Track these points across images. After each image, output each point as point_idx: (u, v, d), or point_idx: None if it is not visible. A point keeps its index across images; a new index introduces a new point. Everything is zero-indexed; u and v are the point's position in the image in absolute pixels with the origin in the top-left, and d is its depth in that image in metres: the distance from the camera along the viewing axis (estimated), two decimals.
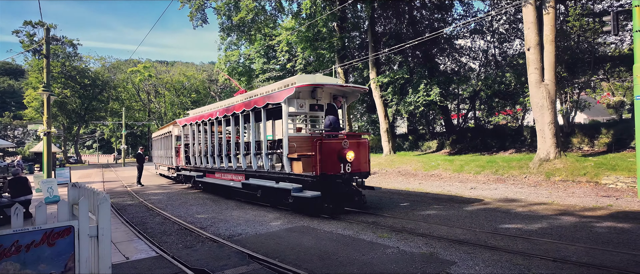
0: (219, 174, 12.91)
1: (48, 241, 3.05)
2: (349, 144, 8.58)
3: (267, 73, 33.85)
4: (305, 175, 8.51)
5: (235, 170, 11.67)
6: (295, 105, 9.37)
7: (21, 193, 9.49)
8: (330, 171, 8.25)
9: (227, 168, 12.21)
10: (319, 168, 8.16)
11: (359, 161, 8.73)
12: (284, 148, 9.07)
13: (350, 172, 8.59)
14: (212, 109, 13.69)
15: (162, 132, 22.97)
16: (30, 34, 44.13)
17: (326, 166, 8.19)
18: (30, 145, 53.68)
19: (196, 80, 63.06)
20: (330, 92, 10.02)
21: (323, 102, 10.06)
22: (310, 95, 9.77)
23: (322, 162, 8.19)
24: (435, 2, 25.40)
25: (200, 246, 6.56)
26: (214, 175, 13.24)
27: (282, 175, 9.34)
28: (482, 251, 5.65)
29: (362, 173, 8.97)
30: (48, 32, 17.32)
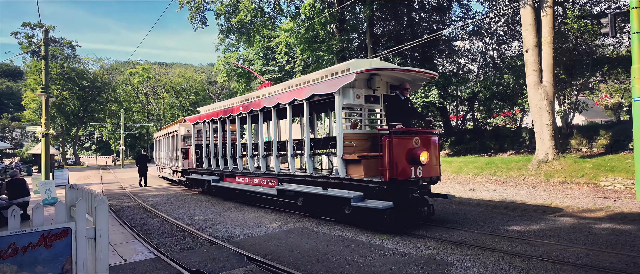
0: (241, 178, 11.45)
1: (45, 243, 3.04)
2: (420, 142, 7.24)
3: (265, 74, 33.83)
4: (368, 180, 7.08)
5: (265, 174, 10.23)
6: (351, 96, 7.68)
7: (19, 194, 9.47)
8: (401, 176, 6.86)
9: (253, 171, 10.81)
10: (389, 172, 6.77)
11: (430, 164, 7.32)
12: (338, 147, 7.61)
13: (421, 177, 7.23)
14: (232, 104, 12.30)
15: (166, 131, 21.12)
16: (28, 35, 44.07)
17: (397, 170, 6.81)
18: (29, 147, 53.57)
19: (195, 81, 63.04)
20: (386, 81, 8.57)
21: (379, 93, 8.45)
22: (366, 84, 8.13)
23: (393, 165, 6.79)
24: (434, 4, 25.46)
25: (199, 247, 6.54)
26: (235, 179, 11.79)
27: (334, 180, 7.87)
28: (481, 252, 5.65)
29: (432, 178, 7.60)
30: (46, 34, 17.30)
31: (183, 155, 17.14)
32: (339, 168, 7.66)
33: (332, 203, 8.02)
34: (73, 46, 48.28)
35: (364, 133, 8.43)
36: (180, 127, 17.60)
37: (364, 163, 7.27)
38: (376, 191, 6.96)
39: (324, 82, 8.12)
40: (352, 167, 7.52)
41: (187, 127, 17.07)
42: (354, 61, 7.94)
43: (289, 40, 27.24)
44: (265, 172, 10.26)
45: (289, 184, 9.25)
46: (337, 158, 7.70)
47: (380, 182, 6.85)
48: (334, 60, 25.06)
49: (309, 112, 8.67)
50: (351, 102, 7.70)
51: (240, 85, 34.27)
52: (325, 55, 25.08)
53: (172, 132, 19.01)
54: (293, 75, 30.72)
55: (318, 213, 8.89)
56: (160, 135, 23.88)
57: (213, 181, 12.90)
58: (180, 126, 17.67)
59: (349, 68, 7.80)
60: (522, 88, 19.79)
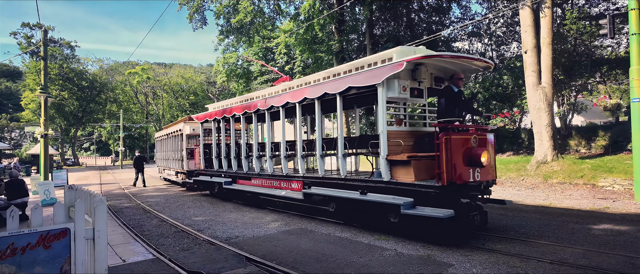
0: (258, 180, 10.54)
1: (44, 244, 3.04)
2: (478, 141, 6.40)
3: (265, 75, 33.86)
4: (421, 184, 6.23)
5: (287, 176, 9.38)
6: (396, 89, 6.74)
7: (18, 195, 9.46)
8: (459, 180, 5.99)
9: (272, 173, 9.96)
10: (446, 175, 5.88)
11: (488, 165, 6.46)
12: (382, 147, 6.68)
13: (479, 180, 6.32)
14: (247, 100, 11.36)
15: (169, 131, 19.73)
16: (27, 35, 44.02)
17: (455, 173, 5.92)
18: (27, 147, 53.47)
19: (194, 82, 63.03)
20: (431, 72, 7.62)
21: (424, 86, 7.55)
22: (411, 76, 7.20)
23: (451, 166, 5.92)
24: (433, 5, 25.51)
25: (198, 248, 6.54)
26: (250, 182, 10.88)
27: (374, 184, 6.97)
28: (480, 253, 5.66)
29: (489, 181, 6.69)
30: (46, 34, 17.29)
31: (188, 156, 16.18)
32: (383, 170, 6.74)
33: (373, 210, 7.13)
34: (72, 46, 48.26)
35: (408, 131, 7.51)
36: (185, 125, 16.54)
37: (415, 164, 6.36)
38: (431, 197, 6.12)
39: (364, 73, 7.16)
40: (399, 169, 6.57)
41: (193, 125, 16.25)
42: (399, 49, 7.03)
43: (289, 41, 27.26)
44: (288, 174, 9.39)
45: (317, 188, 8.34)
46: (380, 159, 6.74)
47: (437, 187, 5.96)
48: (333, 60, 25.09)
49: (342, 107, 7.82)
50: (396, 95, 6.79)
51: (240, 85, 34.25)
52: (325, 55, 25.11)
53: (176, 131, 17.82)
54: (293, 76, 30.74)
55: (354, 221, 7.96)
56: (162, 134, 22.59)
57: (225, 183, 11.82)
58: (184, 125, 16.59)
59: (392, 58, 6.89)
60: (521, 89, 19.82)
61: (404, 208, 6.19)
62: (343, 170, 7.74)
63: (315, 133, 8.41)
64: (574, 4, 19.29)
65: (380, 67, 6.89)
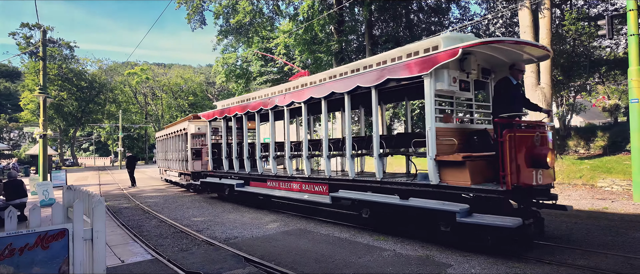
0: (274, 182, 9.80)
1: (42, 244, 3.04)
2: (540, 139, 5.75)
3: (264, 75, 33.89)
4: (480, 189, 5.49)
5: (310, 179, 8.66)
6: (446, 80, 6.00)
7: (16, 195, 9.45)
8: (523, 183, 5.37)
9: (292, 175, 9.21)
10: (511, 178, 5.17)
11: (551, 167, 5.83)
12: (430, 146, 5.93)
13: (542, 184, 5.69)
14: (262, 97, 10.63)
15: (171, 130, 18.88)
16: (26, 36, 44.02)
17: (519, 175, 5.28)
18: (26, 148, 53.42)
19: (193, 82, 63.03)
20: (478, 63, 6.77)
21: (471, 78, 6.76)
22: (459, 66, 6.38)
23: (515, 168, 5.25)
24: (432, 6, 25.54)
25: (196, 249, 6.54)
26: (266, 184, 10.15)
27: (420, 188, 6.22)
28: (478, 254, 5.66)
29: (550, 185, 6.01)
30: (45, 34, 17.28)
31: (194, 156, 15.31)
32: (430, 172, 6.01)
33: (418, 218, 6.39)
34: (71, 47, 48.28)
35: (456, 128, 6.73)
36: (190, 124, 15.70)
37: (470, 166, 5.61)
38: (489, 203, 5.46)
39: (405, 63, 6.42)
40: (451, 171, 5.81)
41: (198, 124, 15.59)
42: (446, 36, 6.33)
43: (288, 42, 27.29)
44: (311, 176, 8.66)
45: (347, 191, 7.61)
46: (428, 160, 5.98)
47: (500, 191, 5.24)
48: (332, 61, 25.11)
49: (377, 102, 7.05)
50: (446, 87, 6.04)
51: (239, 86, 34.26)
52: (324, 56, 25.13)
53: (180, 130, 16.95)
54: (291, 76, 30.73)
55: (392, 230, 7.11)
56: (163, 134, 21.64)
57: (237, 186, 11.00)
58: (189, 123, 15.78)
59: (437, 46, 6.18)
60: None
61: (460, 215, 5.45)
62: (379, 172, 6.99)
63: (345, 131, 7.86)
64: (572, 4, 19.33)
65: (429, 56, 6.06)
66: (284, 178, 9.47)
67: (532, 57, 6.67)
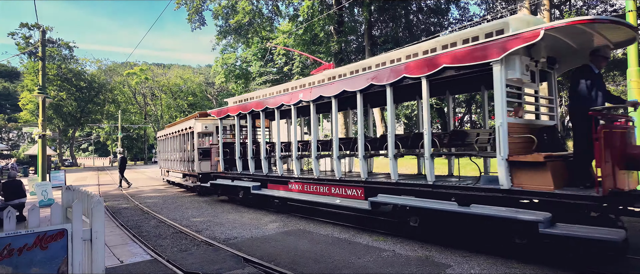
0: (298, 185, 8.98)
1: (41, 245, 3.03)
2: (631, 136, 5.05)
3: (263, 76, 33.90)
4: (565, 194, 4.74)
5: (341, 181, 7.88)
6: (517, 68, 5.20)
7: (15, 196, 9.42)
8: (620, 187, 4.62)
9: (318, 177, 8.45)
10: (607, 181, 4.43)
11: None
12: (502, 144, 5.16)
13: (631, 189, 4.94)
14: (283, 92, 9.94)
15: (175, 129, 17.99)
16: (26, 36, 44.00)
17: (615, 178, 4.55)
18: (25, 148, 53.31)
19: (193, 83, 63.05)
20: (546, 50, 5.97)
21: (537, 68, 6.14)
22: (528, 53, 5.65)
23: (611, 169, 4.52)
24: (432, 7, 25.59)
25: (196, 249, 6.53)
26: (288, 187, 9.32)
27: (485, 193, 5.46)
28: (478, 255, 5.66)
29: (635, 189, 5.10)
30: (44, 35, 17.26)
31: (201, 156, 14.38)
32: (501, 175, 5.22)
33: (483, 228, 5.53)
34: (70, 47, 48.27)
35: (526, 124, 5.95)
36: (196, 122, 14.78)
37: (552, 167, 4.92)
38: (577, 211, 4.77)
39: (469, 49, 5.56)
40: (527, 174, 5.07)
41: (206, 122, 14.81)
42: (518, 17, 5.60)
43: (287, 42, 27.30)
44: (342, 178, 7.86)
45: (388, 196, 6.83)
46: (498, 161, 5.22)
47: (595, 197, 4.46)
48: (332, 62, 25.13)
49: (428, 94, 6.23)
50: (518, 75, 5.23)
51: (239, 86, 34.24)
52: (324, 57, 25.16)
53: (185, 128, 16.01)
54: (291, 77, 30.73)
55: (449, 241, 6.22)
56: (165, 133, 20.56)
57: (253, 188, 10.26)
58: (196, 121, 14.83)
59: (502, 29, 5.52)
60: None
61: (543, 226, 4.63)
62: (430, 174, 6.19)
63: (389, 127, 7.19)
64: (572, 5, 19.37)
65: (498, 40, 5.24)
66: (309, 180, 8.61)
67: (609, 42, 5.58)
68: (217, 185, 12.35)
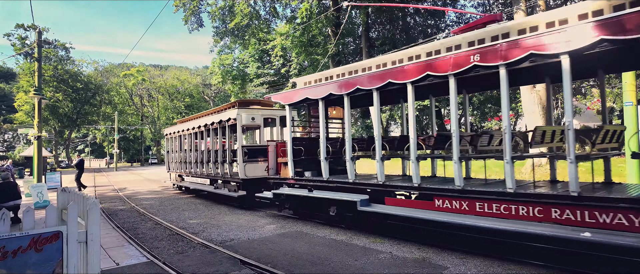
0: (463, 202, 5.78)
1: (35, 247, 3.01)
2: None
3: (261, 77, 33.91)
4: None
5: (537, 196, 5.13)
6: None
7: (10, 197, 9.35)
8: None
9: (515, 189, 5.33)
10: None
11: None
12: None
13: None
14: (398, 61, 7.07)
15: (198, 123, 14.26)
16: (21, 36, 43.74)
17: None
18: (21, 149, 53.00)
19: (190, 84, 62.93)
20: None
21: None
22: None
23: None
24: (429, 9, 25.71)
25: (192, 251, 6.50)
26: (433, 203, 6.18)
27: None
28: (475, 256, 5.67)
29: None
30: (40, 35, 17.19)
31: (247, 157, 11.14)
32: None
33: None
34: (67, 48, 48.03)
35: None
36: (241, 112, 11.37)
37: None
38: None
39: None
40: None
41: (252, 112, 11.71)
42: None
43: (285, 44, 27.33)
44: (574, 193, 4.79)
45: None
46: None
47: None
48: (329, 63, 25.17)
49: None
50: None
51: (235, 87, 34.22)
52: (321, 58, 25.20)
53: (219, 121, 12.50)
54: (288, 78, 30.75)
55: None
56: (179, 130, 17.00)
57: (361, 203, 7.07)
58: (239, 111, 11.34)
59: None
60: (515, 93, 19.96)
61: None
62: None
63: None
64: None
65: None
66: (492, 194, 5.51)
67: None
68: (287, 196, 9.10)
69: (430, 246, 6.30)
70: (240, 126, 11.51)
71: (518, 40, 5.06)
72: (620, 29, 4.18)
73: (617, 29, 4.21)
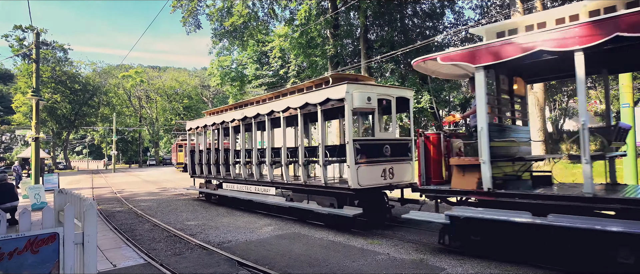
0: None
1: (32, 249, 3.00)
2: None
3: (259, 79, 33.92)
4: None
5: None
6: None
7: (7, 199, 9.32)
8: None
9: None
10: None
11: None
12: None
13: None
14: None
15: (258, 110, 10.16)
16: (19, 38, 43.65)
17: None
18: (18, 151, 52.85)
19: (188, 85, 62.89)
20: None
21: None
22: None
23: None
24: (427, 11, 25.77)
25: (190, 253, 6.49)
26: None
27: None
28: (472, 258, 5.67)
29: None
30: (38, 37, 17.16)
31: (364, 156, 7.61)
32: None
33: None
34: (65, 49, 47.97)
35: None
36: (353, 90, 7.50)
37: None
38: None
39: None
40: None
41: (368, 89, 7.79)
42: None
43: (283, 45, 27.35)
44: None
45: None
46: None
47: None
48: (327, 65, 25.20)
49: None
50: None
51: (234, 88, 34.22)
52: (320, 60, 25.21)
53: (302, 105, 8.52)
54: (287, 80, 30.76)
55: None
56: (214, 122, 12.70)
57: None
58: (350, 88, 7.48)
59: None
60: None
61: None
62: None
63: None
64: None
65: None
66: None
67: None
68: (479, 222, 5.52)
69: (428, 248, 6.31)
70: (349, 110, 7.48)
71: None
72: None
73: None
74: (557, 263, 5.06)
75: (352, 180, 7.37)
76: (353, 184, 7.35)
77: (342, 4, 22.52)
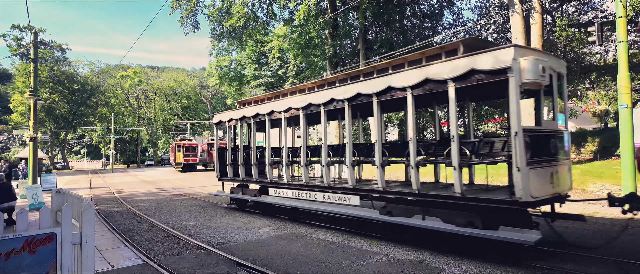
0: None
1: (29, 249, 2.98)
2: None
3: (258, 79, 33.90)
4: None
5: None
6: None
7: (4, 199, 9.28)
8: None
9: None
10: None
11: None
12: None
13: None
14: None
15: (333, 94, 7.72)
16: (17, 37, 43.52)
17: None
18: (16, 151, 52.67)
19: (187, 86, 62.81)
20: None
21: None
22: None
23: None
24: (426, 12, 25.78)
25: (188, 253, 6.47)
26: None
27: None
28: (471, 258, 5.67)
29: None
30: (36, 36, 17.11)
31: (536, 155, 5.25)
32: None
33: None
34: (63, 49, 47.82)
35: None
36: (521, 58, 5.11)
37: None
38: None
39: None
40: None
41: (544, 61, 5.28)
42: None
43: (282, 46, 27.34)
44: None
45: None
46: None
47: None
48: (326, 65, 25.20)
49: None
50: None
51: (232, 88, 34.18)
52: (319, 60, 25.20)
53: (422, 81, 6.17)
54: (286, 80, 30.75)
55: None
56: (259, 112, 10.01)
57: None
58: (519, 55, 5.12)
59: None
60: None
61: None
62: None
63: None
64: (563, 11, 19.62)
65: None
66: None
67: None
68: None
69: (427, 248, 6.30)
70: (515, 87, 5.18)
71: None
72: None
73: None
74: None
75: (523, 189, 4.94)
76: (522, 194, 4.94)
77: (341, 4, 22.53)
